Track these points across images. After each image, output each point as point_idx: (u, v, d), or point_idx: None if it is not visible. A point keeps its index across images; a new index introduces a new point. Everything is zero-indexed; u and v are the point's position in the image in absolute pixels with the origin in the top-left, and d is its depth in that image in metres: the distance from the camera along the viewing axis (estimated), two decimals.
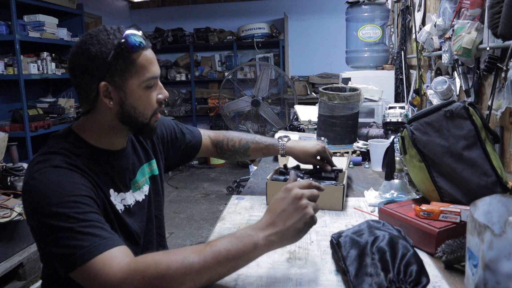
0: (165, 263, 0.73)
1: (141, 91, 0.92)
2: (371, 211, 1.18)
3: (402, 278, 0.69)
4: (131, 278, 0.73)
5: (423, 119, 1.04)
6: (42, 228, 0.80)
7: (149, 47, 0.93)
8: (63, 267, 0.78)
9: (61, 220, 0.78)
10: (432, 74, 2.19)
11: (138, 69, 0.91)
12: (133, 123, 0.95)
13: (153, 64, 0.94)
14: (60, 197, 0.80)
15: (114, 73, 0.89)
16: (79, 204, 0.81)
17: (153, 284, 0.72)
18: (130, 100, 0.92)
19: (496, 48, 1.40)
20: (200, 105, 6.07)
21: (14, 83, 3.43)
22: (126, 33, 0.90)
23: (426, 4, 2.42)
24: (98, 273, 0.75)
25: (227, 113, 5.11)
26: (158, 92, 0.97)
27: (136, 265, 0.74)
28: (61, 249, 0.77)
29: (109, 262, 0.75)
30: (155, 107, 0.97)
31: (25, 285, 2.22)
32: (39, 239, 0.83)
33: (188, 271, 0.73)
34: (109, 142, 0.97)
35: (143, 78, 0.91)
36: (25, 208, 0.85)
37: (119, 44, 0.88)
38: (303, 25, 5.90)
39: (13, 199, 2.26)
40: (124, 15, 6.24)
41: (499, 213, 0.70)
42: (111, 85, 0.90)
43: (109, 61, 0.88)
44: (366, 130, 2.00)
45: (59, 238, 0.77)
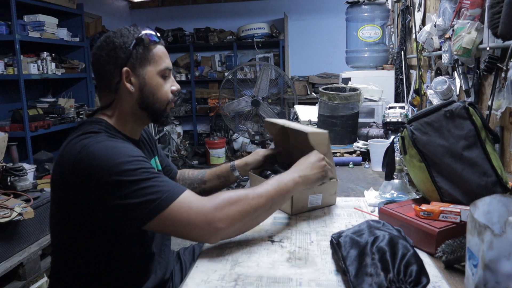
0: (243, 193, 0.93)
1: (158, 79, 1.05)
2: (371, 211, 1.18)
3: (402, 278, 0.69)
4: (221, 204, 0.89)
5: (423, 119, 1.04)
6: (119, 185, 0.85)
7: (162, 44, 1.09)
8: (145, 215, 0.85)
9: (135, 175, 0.86)
10: (432, 74, 2.19)
11: (156, 58, 1.05)
12: (151, 109, 1.06)
13: (168, 57, 1.09)
14: (126, 157, 0.89)
15: (135, 61, 1.02)
16: (142, 162, 0.91)
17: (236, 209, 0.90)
18: (149, 86, 1.04)
19: (496, 48, 1.40)
20: (200, 105, 6.07)
21: (14, 83, 3.43)
22: (145, 30, 1.05)
23: (426, 4, 2.42)
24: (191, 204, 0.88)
25: (227, 113, 5.11)
26: (172, 84, 1.10)
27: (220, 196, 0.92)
28: (143, 198, 0.85)
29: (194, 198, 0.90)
30: (170, 97, 1.09)
31: (25, 285, 2.22)
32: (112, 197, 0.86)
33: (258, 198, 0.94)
34: (132, 130, 1.08)
35: (160, 67, 1.05)
36: (84, 170, 0.87)
37: (138, 38, 1.02)
38: (303, 25, 5.90)
39: (13, 199, 2.26)
40: (124, 15, 6.24)
41: (499, 213, 0.70)
42: (132, 72, 1.02)
43: (131, 50, 1.01)
44: (366, 130, 2.00)
45: (137, 189, 0.85)
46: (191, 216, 0.87)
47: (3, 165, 2.42)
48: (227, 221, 0.89)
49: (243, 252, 0.94)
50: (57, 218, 0.98)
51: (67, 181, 0.91)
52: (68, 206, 0.94)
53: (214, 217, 0.88)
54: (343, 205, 1.25)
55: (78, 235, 0.96)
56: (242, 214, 0.91)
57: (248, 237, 1.02)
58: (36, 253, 2.30)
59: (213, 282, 0.81)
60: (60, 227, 0.99)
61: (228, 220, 0.89)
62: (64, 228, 0.98)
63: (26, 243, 2.30)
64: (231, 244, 0.98)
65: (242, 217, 0.91)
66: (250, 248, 0.96)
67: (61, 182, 0.93)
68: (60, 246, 1.00)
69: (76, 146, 0.90)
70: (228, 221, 0.89)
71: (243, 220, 0.92)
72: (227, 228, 0.89)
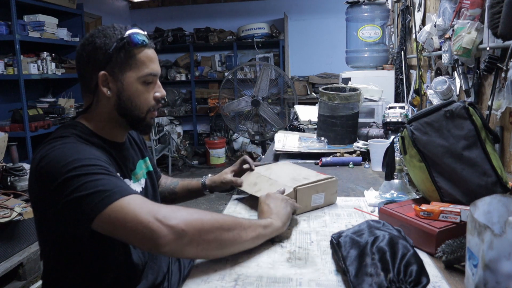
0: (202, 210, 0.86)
1: (138, 85, 0.99)
2: (371, 211, 1.18)
3: (402, 278, 0.69)
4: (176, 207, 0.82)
5: (423, 119, 1.04)
6: (67, 182, 0.81)
7: (151, 47, 1.01)
8: (91, 209, 0.79)
9: (89, 169, 0.83)
10: (432, 74, 2.19)
11: (138, 63, 0.98)
12: (129, 116, 1.01)
13: (153, 62, 1.01)
14: (85, 155, 0.86)
15: (114, 65, 0.96)
16: (102, 162, 0.87)
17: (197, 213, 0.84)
18: (127, 92, 0.98)
19: (496, 48, 1.40)
20: (200, 105, 6.07)
21: (14, 83, 3.43)
22: (131, 30, 0.98)
23: (426, 4, 2.42)
24: (142, 204, 0.80)
25: (227, 113, 5.11)
26: (156, 90, 1.03)
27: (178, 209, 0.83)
28: (90, 190, 0.80)
29: (144, 201, 0.82)
30: (152, 104, 1.03)
31: (25, 285, 2.22)
32: (61, 196, 0.82)
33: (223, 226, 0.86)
34: (111, 133, 1.03)
35: (141, 73, 0.98)
36: (42, 177, 0.85)
37: (122, 38, 0.96)
38: (303, 25, 5.90)
39: (13, 199, 2.26)
40: (124, 15, 6.24)
41: (499, 213, 0.70)
42: (110, 76, 0.97)
43: (111, 53, 0.95)
44: (366, 130, 2.00)
45: (86, 182, 0.81)
46: (141, 213, 0.78)
47: (3, 165, 2.42)
48: (182, 224, 0.78)
49: (243, 252, 0.94)
50: (37, 225, 0.97)
51: (33, 186, 0.90)
52: (40, 212, 0.93)
53: (168, 215, 0.78)
54: (343, 205, 1.25)
55: (57, 242, 0.94)
56: (201, 224, 0.81)
57: None
58: (36, 253, 2.30)
59: (213, 282, 0.81)
60: (41, 234, 0.98)
61: (184, 223, 0.78)
62: (44, 236, 0.97)
63: (26, 243, 2.30)
64: None
65: (200, 229, 0.80)
66: (250, 248, 0.96)
67: (31, 189, 0.92)
68: (46, 253, 0.98)
69: (41, 152, 0.88)
70: (183, 224, 0.78)
71: (202, 235, 0.81)
72: (181, 232, 0.77)
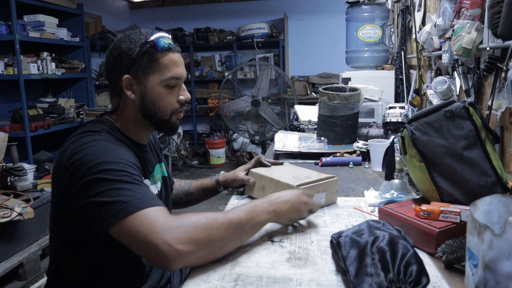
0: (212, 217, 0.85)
1: (161, 88, 1.01)
2: (371, 211, 1.18)
3: (402, 278, 0.69)
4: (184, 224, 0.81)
5: (423, 119, 1.04)
6: (92, 184, 0.83)
7: (176, 50, 1.04)
8: (110, 217, 0.80)
9: (116, 175, 0.84)
10: (432, 74, 2.19)
11: (161, 67, 1.00)
12: (153, 118, 1.03)
13: (177, 66, 1.03)
14: (113, 157, 0.87)
15: (138, 68, 0.99)
16: (130, 167, 0.89)
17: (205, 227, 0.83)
18: (150, 95, 1.01)
19: (496, 48, 1.40)
20: (200, 105, 6.07)
21: (14, 83, 3.44)
22: (156, 34, 1.00)
23: (426, 4, 2.42)
24: (154, 219, 0.80)
25: (227, 113, 5.11)
26: (181, 93, 1.05)
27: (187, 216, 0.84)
28: (113, 198, 0.81)
29: (162, 213, 0.82)
30: (175, 106, 1.05)
31: (25, 285, 2.22)
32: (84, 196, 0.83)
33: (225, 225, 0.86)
34: (136, 134, 1.06)
35: (164, 77, 1.00)
36: (72, 172, 0.86)
37: (145, 42, 0.99)
38: (303, 25, 5.90)
39: (13, 199, 2.26)
40: (124, 15, 6.24)
41: (499, 213, 0.70)
42: (134, 79, 1.00)
43: (134, 57, 0.98)
44: (366, 130, 2.00)
45: (111, 189, 0.82)
46: (151, 231, 0.78)
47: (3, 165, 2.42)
48: (191, 245, 0.79)
49: (243, 252, 0.94)
50: (54, 218, 0.98)
51: (61, 179, 0.90)
52: (61, 204, 0.94)
53: (176, 237, 0.78)
54: (343, 205, 1.25)
55: (71, 237, 0.96)
56: (208, 240, 0.82)
57: None
58: (36, 253, 2.30)
59: (213, 282, 0.81)
60: (56, 227, 0.99)
61: (192, 244, 0.79)
62: (59, 229, 0.98)
63: (26, 243, 2.30)
64: None
65: (207, 243, 0.82)
66: (250, 248, 0.96)
67: (57, 180, 0.93)
68: (56, 246, 1.00)
69: (73, 145, 0.90)
70: (191, 245, 0.79)
71: (208, 247, 0.83)
72: (189, 253, 0.79)
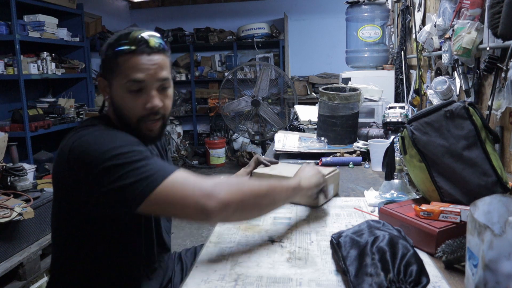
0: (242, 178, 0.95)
1: (123, 93, 0.96)
2: (371, 211, 1.18)
3: (402, 278, 0.69)
4: (219, 180, 0.85)
5: (423, 119, 1.04)
6: (109, 171, 0.83)
7: (144, 52, 0.94)
8: (138, 195, 0.82)
9: (128, 157, 0.84)
10: (432, 74, 2.19)
11: (122, 70, 0.94)
12: (123, 123, 0.99)
13: (139, 69, 0.94)
14: (119, 142, 0.87)
15: (107, 71, 0.98)
16: (137, 146, 0.89)
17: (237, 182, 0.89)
18: (115, 99, 0.98)
19: (496, 48, 1.40)
20: (200, 105, 6.07)
21: (14, 83, 3.43)
22: (122, 34, 0.96)
23: (426, 4, 2.42)
24: (187, 180, 0.84)
25: (227, 113, 5.11)
26: (147, 99, 0.96)
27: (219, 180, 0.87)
28: (135, 178, 0.82)
29: (191, 174, 0.85)
30: (141, 114, 0.97)
31: (25, 285, 2.22)
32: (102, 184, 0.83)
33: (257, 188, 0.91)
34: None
35: (123, 81, 0.95)
36: (77, 164, 0.86)
37: (109, 44, 0.96)
38: (303, 25, 5.90)
39: (13, 199, 2.26)
40: (124, 15, 6.24)
41: (499, 213, 0.70)
42: (106, 81, 0.99)
43: (103, 59, 0.98)
44: (366, 130, 2.00)
45: (130, 170, 0.83)
46: (187, 191, 0.82)
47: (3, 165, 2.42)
48: (228, 195, 0.83)
49: (243, 252, 0.94)
50: (57, 214, 0.99)
51: (64, 172, 0.90)
52: (66, 199, 0.94)
53: (213, 190, 0.83)
54: (343, 205, 1.25)
55: (74, 233, 0.96)
56: (243, 193, 0.86)
57: (248, 237, 1.02)
58: (36, 253, 2.30)
59: (213, 282, 0.81)
60: (59, 225, 1.00)
61: (229, 194, 0.83)
62: (63, 224, 0.98)
63: (26, 243, 2.30)
64: (231, 244, 0.98)
65: (242, 196, 0.86)
66: (250, 248, 0.96)
67: (60, 175, 0.93)
68: (59, 243, 1.00)
69: (73, 138, 0.90)
70: (228, 195, 0.83)
71: (244, 201, 0.86)
72: (228, 204, 0.83)
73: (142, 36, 0.95)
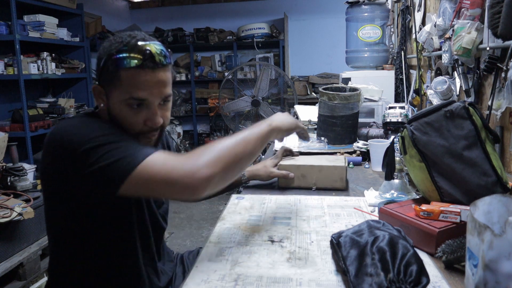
0: (218, 142, 0.87)
1: (123, 106, 0.92)
2: (371, 211, 1.18)
3: (402, 278, 0.69)
4: (200, 154, 0.83)
5: (423, 119, 1.04)
6: (88, 153, 0.82)
7: (147, 67, 0.89)
8: (118, 175, 0.81)
9: (107, 139, 0.84)
10: (432, 74, 2.19)
11: (123, 85, 0.89)
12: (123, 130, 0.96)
13: (142, 88, 0.90)
14: (99, 128, 0.87)
15: (104, 79, 0.93)
16: (116, 130, 0.89)
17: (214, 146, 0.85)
18: (113, 111, 0.94)
19: (496, 48, 1.40)
20: (200, 105, 6.07)
21: (14, 83, 3.43)
22: (128, 46, 0.89)
23: (426, 4, 2.42)
24: (167, 159, 0.83)
25: (227, 113, 5.11)
26: (148, 116, 0.93)
27: (196, 149, 0.86)
28: (114, 158, 0.81)
29: (170, 155, 0.85)
30: (141, 128, 0.94)
31: (25, 285, 2.22)
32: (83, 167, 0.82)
33: (236, 143, 0.88)
34: None
35: (123, 96, 0.90)
36: (57, 151, 0.86)
37: (110, 54, 0.90)
38: (303, 25, 5.90)
39: (13, 199, 2.26)
40: (124, 15, 6.24)
41: (499, 213, 0.70)
42: (103, 88, 0.94)
43: (102, 66, 0.91)
44: (366, 130, 2.00)
45: (108, 151, 0.82)
46: (169, 169, 0.81)
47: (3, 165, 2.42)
48: (210, 169, 0.80)
49: (243, 252, 0.94)
50: (48, 212, 0.98)
51: (48, 166, 0.90)
52: (54, 194, 0.94)
53: (194, 167, 0.80)
54: (343, 205, 1.25)
55: (69, 229, 0.95)
56: (223, 160, 0.83)
57: (248, 237, 1.02)
58: (36, 253, 2.30)
59: (213, 282, 0.81)
60: (52, 222, 0.99)
61: (211, 167, 0.81)
62: (56, 223, 0.98)
63: (26, 243, 2.30)
64: (231, 244, 0.98)
65: (223, 163, 0.83)
66: (250, 248, 0.96)
67: (45, 169, 0.92)
68: (55, 243, 1.00)
69: (51, 130, 0.91)
70: (210, 168, 0.81)
71: (226, 167, 0.83)
72: (212, 175, 0.80)
73: (148, 50, 0.89)
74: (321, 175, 1.40)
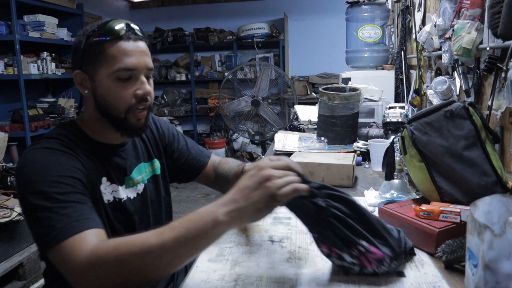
0: (125, 248, 0.70)
1: (111, 83, 0.91)
2: (371, 211, 1.18)
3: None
4: (93, 264, 0.71)
5: (423, 119, 1.04)
6: (26, 206, 0.83)
7: (130, 38, 0.91)
8: (40, 247, 0.81)
9: (41, 199, 0.80)
10: (432, 74, 2.19)
11: (109, 59, 0.90)
12: (109, 116, 0.94)
13: (129, 55, 0.91)
14: (44, 176, 0.83)
15: (87, 62, 0.92)
16: (61, 184, 0.82)
17: (113, 271, 0.70)
18: (100, 91, 0.92)
19: (496, 48, 1.40)
20: (200, 105, 6.07)
21: (14, 83, 3.43)
22: (104, 22, 0.92)
23: (426, 4, 2.42)
24: (67, 256, 0.74)
25: (227, 113, 5.11)
26: (137, 87, 0.93)
27: (98, 251, 0.72)
28: (39, 229, 0.79)
29: (78, 246, 0.74)
30: (130, 102, 0.93)
31: (25, 285, 2.22)
32: (25, 217, 0.86)
33: (147, 255, 0.69)
34: (104, 135, 0.99)
35: (112, 69, 0.90)
36: (16, 186, 0.88)
37: (91, 32, 0.91)
38: (303, 25, 5.90)
39: (13, 199, 2.27)
40: (124, 15, 6.23)
41: (499, 213, 0.70)
42: (86, 74, 0.93)
43: (82, 49, 0.91)
44: (366, 130, 2.00)
45: (37, 217, 0.80)
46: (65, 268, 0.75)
47: (3, 165, 2.42)
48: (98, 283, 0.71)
49: (243, 252, 0.94)
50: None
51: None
52: None
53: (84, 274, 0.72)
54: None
55: None
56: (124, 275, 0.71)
57: (248, 237, 1.02)
58: (36, 253, 2.30)
59: (213, 282, 0.81)
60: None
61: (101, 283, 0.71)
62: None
63: (26, 243, 2.30)
64: (231, 244, 0.98)
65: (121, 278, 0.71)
66: (250, 248, 0.96)
67: None
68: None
69: (23, 152, 0.91)
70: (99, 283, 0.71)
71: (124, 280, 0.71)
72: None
73: (126, 23, 0.92)
74: (328, 173, 1.43)
